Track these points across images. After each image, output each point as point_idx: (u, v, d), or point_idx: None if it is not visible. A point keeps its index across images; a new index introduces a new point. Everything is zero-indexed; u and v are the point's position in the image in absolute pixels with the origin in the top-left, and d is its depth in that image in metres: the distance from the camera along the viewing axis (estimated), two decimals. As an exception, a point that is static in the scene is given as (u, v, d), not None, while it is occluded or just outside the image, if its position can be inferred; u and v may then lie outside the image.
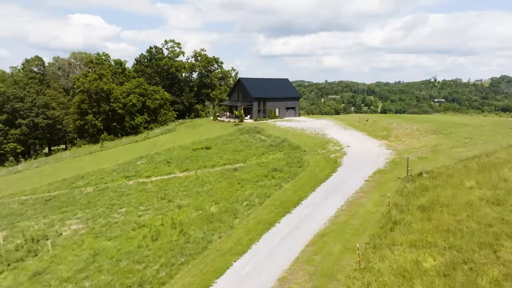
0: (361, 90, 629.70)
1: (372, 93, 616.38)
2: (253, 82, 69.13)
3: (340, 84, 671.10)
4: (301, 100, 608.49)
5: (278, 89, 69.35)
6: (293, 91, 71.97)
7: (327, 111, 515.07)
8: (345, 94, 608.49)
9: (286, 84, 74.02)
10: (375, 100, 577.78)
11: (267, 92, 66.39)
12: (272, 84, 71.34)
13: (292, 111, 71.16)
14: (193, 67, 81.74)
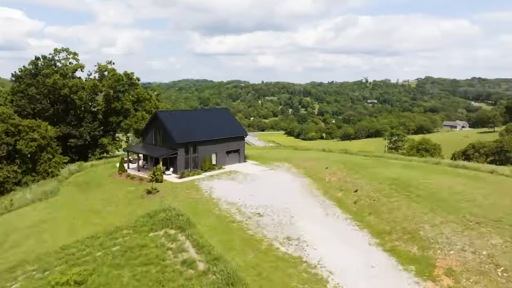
0: (297, 91, 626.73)
1: (309, 94, 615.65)
2: (178, 118, 46.69)
3: (277, 85, 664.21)
4: (238, 102, 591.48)
5: (215, 126, 48.08)
6: (236, 127, 50.39)
7: (265, 113, 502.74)
8: (282, 95, 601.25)
9: (225, 117, 50.73)
10: (312, 101, 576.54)
11: (199, 132, 45.57)
12: (207, 118, 49.63)
13: (235, 156, 49.92)
14: (95, 88, 58.18)
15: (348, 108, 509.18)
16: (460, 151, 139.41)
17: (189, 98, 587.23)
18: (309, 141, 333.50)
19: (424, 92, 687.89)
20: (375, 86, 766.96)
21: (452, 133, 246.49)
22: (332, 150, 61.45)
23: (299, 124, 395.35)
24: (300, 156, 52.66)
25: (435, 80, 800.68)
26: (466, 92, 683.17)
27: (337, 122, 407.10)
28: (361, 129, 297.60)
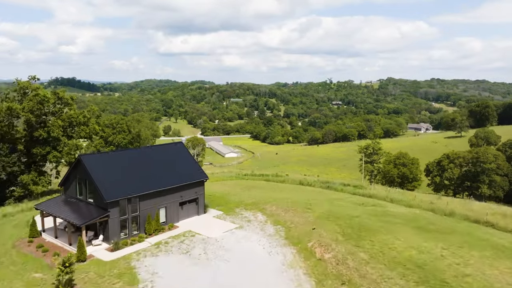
0: (262, 93, 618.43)
1: (274, 96, 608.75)
2: (111, 162, 33.40)
3: (242, 87, 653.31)
4: (202, 104, 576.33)
5: (164, 170, 35.27)
6: (192, 169, 37.43)
7: (230, 116, 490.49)
8: (247, 97, 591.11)
9: (178, 155, 37.84)
10: (277, 103, 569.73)
11: (142, 181, 32.87)
12: (152, 159, 35.63)
13: (192, 207, 37.27)
14: (11, 112, 44.51)
15: (314, 110, 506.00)
16: (434, 162, 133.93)
17: (151, 100, 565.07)
18: (275, 145, 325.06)
19: (386, 93, 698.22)
20: (340, 87, 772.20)
21: (420, 138, 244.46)
22: (312, 183, 51.21)
23: (265, 127, 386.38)
24: (275, 197, 42.01)
25: (396, 81, 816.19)
26: (427, 93, 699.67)
27: (303, 125, 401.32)
28: (328, 133, 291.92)
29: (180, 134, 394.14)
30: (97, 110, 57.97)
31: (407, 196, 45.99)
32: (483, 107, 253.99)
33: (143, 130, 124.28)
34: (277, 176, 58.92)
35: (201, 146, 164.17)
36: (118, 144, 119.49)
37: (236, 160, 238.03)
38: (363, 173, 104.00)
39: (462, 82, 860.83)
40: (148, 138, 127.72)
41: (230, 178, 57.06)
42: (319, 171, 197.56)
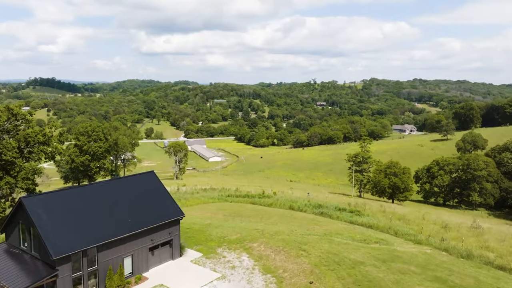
0: (247, 94, 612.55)
1: (258, 97, 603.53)
2: (62, 205, 26.49)
3: (226, 87, 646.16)
4: (186, 105, 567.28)
5: (131, 208, 28.75)
6: (165, 205, 30.68)
7: (214, 117, 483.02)
8: (231, 98, 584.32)
9: (149, 189, 31.03)
10: (262, 104, 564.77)
11: (101, 227, 26.64)
12: (115, 196, 28.85)
13: (165, 252, 30.97)
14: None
15: (298, 112, 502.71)
16: (424, 168, 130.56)
17: (133, 101, 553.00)
18: (260, 148, 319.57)
19: (370, 94, 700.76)
20: (324, 87, 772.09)
21: (405, 141, 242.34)
22: (303, 208, 45.75)
23: (250, 129, 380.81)
24: (263, 230, 36.42)
25: (379, 81, 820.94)
26: (409, 93, 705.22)
27: (288, 127, 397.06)
28: (314, 136, 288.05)
29: (162, 137, 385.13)
30: (60, 125, 51.27)
31: (411, 224, 40.98)
32: (467, 109, 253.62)
33: (121, 138, 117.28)
34: (264, 197, 53.29)
35: (183, 152, 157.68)
36: (94, 153, 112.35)
37: (220, 165, 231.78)
38: (353, 183, 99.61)
39: (443, 83, 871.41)
40: (126, 146, 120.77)
41: (212, 200, 51.19)
42: (305, 176, 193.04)
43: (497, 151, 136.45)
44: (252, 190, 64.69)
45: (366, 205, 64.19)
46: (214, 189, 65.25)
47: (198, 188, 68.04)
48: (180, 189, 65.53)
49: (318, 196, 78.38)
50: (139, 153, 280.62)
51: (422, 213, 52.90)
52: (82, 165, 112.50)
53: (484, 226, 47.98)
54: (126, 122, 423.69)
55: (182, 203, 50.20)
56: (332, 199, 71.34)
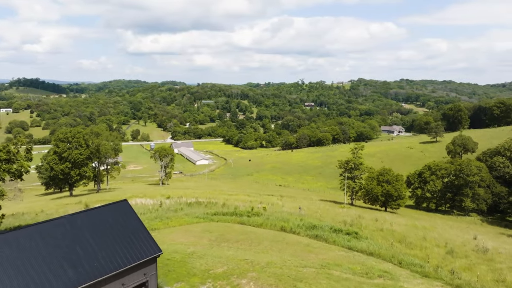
0: (234, 94, 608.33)
1: (246, 97, 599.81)
2: (11, 251, 21.01)
3: (214, 88, 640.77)
4: (173, 106, 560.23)
5: (98, 249, 24.09)
6: (140, 241, 26.30)
7: (202, 119, 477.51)
8: (219, 99, 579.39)
9: (120, 222, 26.42)
10: (250, 105, 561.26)
11: (58, 277, 21.37)
12: (78, 235, 24.04)
13: None
14: None
15: (286, 112, 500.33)
16: (415, 173, 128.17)
17: (119, 102, 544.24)
18: (249, 150, 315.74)
19: (358, 94, 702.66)
20: (312, 88, 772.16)
21: (394, 143, 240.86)
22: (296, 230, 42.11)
23: (238, 131, 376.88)
24: (253, 261, 32.53)
25: (367, 82, 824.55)
26: (397, 94, 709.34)
27: (276, 129, 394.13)
28: (302, 137, 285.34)
29: (149, 139, 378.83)
30: (26, 141, 46.74)
31: (414, 249, 37.56)
32: (456, 111, 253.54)
33: (103, 144, 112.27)
34: (253, 215, 49.43)
35: (169, 157, 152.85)
36: (74, 160, 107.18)
37: (208, 168, 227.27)
38: (345, 191, 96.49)
39: (430, 83, 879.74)
40: (109, 152, 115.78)
41: (197, 220, 47.12)
42: (295, 180, 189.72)
43: (488, 155, 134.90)
44: (241, 205, 60.75)
45: (361, 219, 60.83)
46: (200, 203, 61.13)
47: (183, 201, 63.79)
48: (164, 204, 61.20)
49: (310, 207, 74.87)
50: (125, 156, 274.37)
51: (422, 233, 49.57)
52: (62, 173, 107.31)
53: (489, 245, 44.88)
54: (112, 123, 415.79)
55: (164, 223, 46.02)
56: (324, 211, 67.85)
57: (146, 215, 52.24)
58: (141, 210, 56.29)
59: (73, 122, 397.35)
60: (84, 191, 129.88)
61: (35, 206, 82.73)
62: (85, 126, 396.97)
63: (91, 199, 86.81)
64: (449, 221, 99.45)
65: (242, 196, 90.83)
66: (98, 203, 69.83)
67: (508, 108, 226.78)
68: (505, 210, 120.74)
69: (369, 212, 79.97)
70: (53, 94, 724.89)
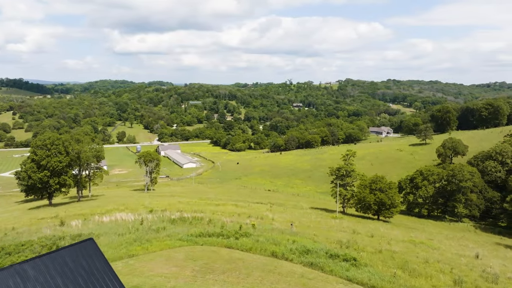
0: (222, 95, 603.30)
1: (234, 98, 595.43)
2: None
3: (201, 89, 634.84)
4: (160, 107, 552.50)
5: None
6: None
7: (189, 120, 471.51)
8: (206, 99, 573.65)
9: (82, 268, 19.41)
10: (238, 106, 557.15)
11: None
12: None
13: None
14: None
15: (275, 113, 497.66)
16: (407, 179, 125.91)
17: (104, 103, 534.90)
18: (237, 152, 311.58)
19: (345, 95, 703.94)
20: (300, 88, 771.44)
21: (383, 144, 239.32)
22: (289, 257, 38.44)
23: (226, 132, 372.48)
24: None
25: (354, 82, 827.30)
26: (384, 94, 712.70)
27: (265, 130, 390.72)
28: (291, 139, 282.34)
29: (135, 141, 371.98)
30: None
31: (418, 277, 34.18)
32: (444, 112, 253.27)
33: (84, 151, 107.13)
34: (241, 236, 45.60)
35: (154, 162, 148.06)
36: (53, 168, 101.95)
37: (195, 171, 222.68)
38: (337, 200, 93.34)
39: (416, 83, 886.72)
40: (90, 159, 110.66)
41: (179, 243, 43.08)
42: (284, 184, 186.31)
43: (480, 159, 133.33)
44: (228, 221, 56.99)
45: (356, 235, 57.62)
46: (185, 219, 57.09)
47: (166, 216, 59.64)
48: (146, 220, 56.97)
49: (301, 219, 71.42)
50: (110, 159, 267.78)
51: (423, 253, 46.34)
52: (40, 182, 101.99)
53: (495, 267, 41.84)
54: (97, 125, 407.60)
55: (143, 248, 41.90)
56: (317, 225, 64.45)
57: (125, 236, 47.92)
58: (120, 229, 51.93)
59: (57, 124, 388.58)
60: (65, 198, 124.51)
61: (8, 220, 77.71)
62: (69, 128, 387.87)
63: (70, 211, 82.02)
64: (443, 229, 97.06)
65: (230, 207, 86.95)
66: (75, 218, 65.40)
67: (496, 109, 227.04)
68: (498, 215, 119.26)
69: (363, 223, 76.85)
70: (37, 95, 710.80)
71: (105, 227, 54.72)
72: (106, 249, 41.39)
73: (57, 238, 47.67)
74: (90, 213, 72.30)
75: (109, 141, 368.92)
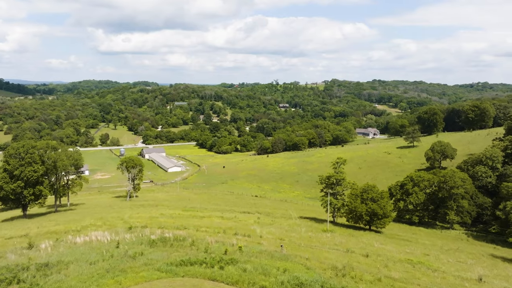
0: (208, 96, 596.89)
1: (220, 99, 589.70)
2: None
3: (187, 89, 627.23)
4: (144, 108, 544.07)
5: None
6: None
7: (174, 121, 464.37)
8: (192, 100, 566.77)
9: None
10: (224, 107, 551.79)
11: None
12: None
13: None
14: None
15: (261, 114, 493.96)
16: (397, 185, 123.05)
17: (87, 104, 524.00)
18: (223, 155, 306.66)
19: (332, 95, 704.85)
20: (286, 89, 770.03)
21: (371, 147, 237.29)
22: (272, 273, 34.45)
23: (212, 134, 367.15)
24: None
25: (341, 83, 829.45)
26: (370, 94, 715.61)
27: (251, 132, 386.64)
28: (278, 142, 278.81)
29: (119, 143, 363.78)
30: None
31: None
32: (431, 114, 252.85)
33: (61, 160, 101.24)
34: (226, 264, 41.29)
35: (137, 168, 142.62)
36: (27, 178, 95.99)
37: (180, 176, 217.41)
38: (328, 210, 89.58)
39: (401, 83, 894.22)
40: (68, 168, 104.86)
41: (157, 274, 38.62)
42: (272, 189, 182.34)
43: (470, 163, 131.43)
44: (213, 241, 52.55)
45: (350, 254, 53.88)
46: (165, 240, 52.49)
47: (145, 236, 55.00)
48: (123, 240, 52.17)
49: (291, 236, 67.40)
50: (92, 163, 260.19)
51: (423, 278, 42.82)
52: (13, 193, 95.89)
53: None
54: (80, 127, 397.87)
55: (116, 282, 37.38)
56: (308, 243, 60.50)
57: (98, 265, 43.10)
58: (94, 255, 47.05)
59: (38, 126, 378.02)
60: (43, 208, 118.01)
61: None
62: (51, 130, 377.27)
63: (43, 226, 76.44)
64: (436, 238, 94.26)
65: (215, 219, 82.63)
66: (47, 238, 60.25)
67: (482, 111, 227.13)
68: (489, 222, 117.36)
69: (356, 237, 73.24)
70: (18, 96, 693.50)
71: (77, 251, 49.68)
72: (74, 283, 36.71)
73: (21, 268, 42.53)
74: (64, 230, 67.07)
75: (92, 144, 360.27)
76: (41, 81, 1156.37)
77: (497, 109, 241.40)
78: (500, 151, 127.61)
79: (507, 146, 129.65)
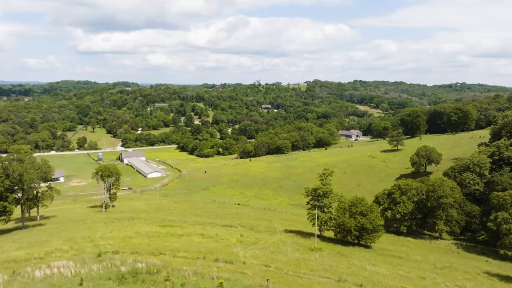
0: (190, 97, 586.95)
1: (202, 100, 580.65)
2: None
3: (167, 90, 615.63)
4: (124, 110, 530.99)
5: None
6: None
7: (155, 123, 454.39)
8: (173, 102, 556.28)
9: None
10: (206, 108, 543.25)
11: None
12: None
13: None
14: None
15: (243, 116, 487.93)
16: (384, 193, 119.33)
17: (64, 106, 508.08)
18: (205, 158, 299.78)
19: (314, 96, 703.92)
20: (268, 89, 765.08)
21: (355, 151, 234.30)
22: None
23: (193, 137, 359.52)
24: None
25: (322, 83, 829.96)
26: (351, 95, 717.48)
27: (233, 134, 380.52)
28: (261, 145, 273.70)
29: (97, 147, 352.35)
30: None
31: None
32: (414, 117, 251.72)
33: (28, 173, 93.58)
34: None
35: (114, 177, 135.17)
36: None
37: (160, 182, 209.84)
38: (316, 224, 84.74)
39: (382, 84, 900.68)
40: (35, 182, 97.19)
41: None
42: (255, 195, 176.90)
43: (457, 170, 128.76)
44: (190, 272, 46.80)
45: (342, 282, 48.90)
46: (137, 272, 46.47)
47: (115, 267, 48.87)
48: (88, 275, 45.96)
49: (277, 261, 62.22)
50: (68, 168, 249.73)
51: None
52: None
53: None
54: (56, 131, 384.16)
55: None
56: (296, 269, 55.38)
57: (54, 313, 36.87)
58: (51, 298, 40.77)
59: (11, 130, 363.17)
60: (11, 220, 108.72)
61: None
62: (25, 134, 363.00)
63: (2, 252, 69.27)
64: (426, 251, 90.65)
65: (195, 238, 76.90)
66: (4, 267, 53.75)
67: (465, 114, 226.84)
68: (477, 230, 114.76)
69: (346, 257, 68.46)
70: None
71: (33, 291, 43.28)
72: None
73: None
74: (25, 257, 60.31)
75: (69, 148, 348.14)
76: (17, 81, 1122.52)
77: (478, 111, 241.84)
78: (487, 157, 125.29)
79: (494, 152, 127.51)
